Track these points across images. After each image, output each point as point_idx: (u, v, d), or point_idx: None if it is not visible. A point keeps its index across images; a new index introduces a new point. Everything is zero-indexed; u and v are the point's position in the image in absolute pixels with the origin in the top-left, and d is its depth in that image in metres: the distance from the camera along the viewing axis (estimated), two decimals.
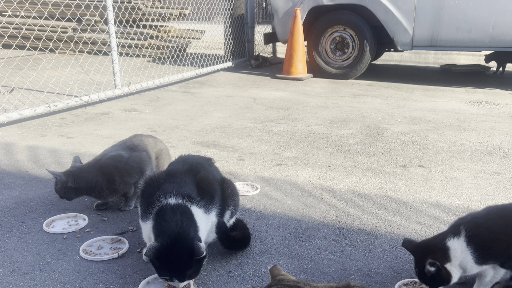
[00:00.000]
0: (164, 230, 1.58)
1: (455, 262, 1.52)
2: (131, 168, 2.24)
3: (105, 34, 7.35)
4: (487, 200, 2.43)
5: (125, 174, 2.22)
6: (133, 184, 2.27)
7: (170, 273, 1.55)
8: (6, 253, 1.90)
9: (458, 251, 1.52)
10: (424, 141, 3.46)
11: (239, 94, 5.10)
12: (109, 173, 2.19)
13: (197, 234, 1.62)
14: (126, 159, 2.25)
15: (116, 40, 4.60)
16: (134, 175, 2.24)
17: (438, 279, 1.52)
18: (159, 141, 2.53)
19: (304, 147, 3.30)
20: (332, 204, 2.39)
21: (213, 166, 2.02)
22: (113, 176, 2.19)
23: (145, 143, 2.41)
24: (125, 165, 2.23)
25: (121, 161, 2.24)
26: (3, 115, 3.61)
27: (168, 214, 1.62)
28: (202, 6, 6.91)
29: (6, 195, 2.45)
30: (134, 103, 4.61)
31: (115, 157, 2.26)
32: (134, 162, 2.26)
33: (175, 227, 1.58)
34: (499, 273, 1.55)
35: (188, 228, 1.60)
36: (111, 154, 2.28)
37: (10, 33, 6.08)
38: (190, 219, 1.63)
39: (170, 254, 1.53)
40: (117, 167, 2.22)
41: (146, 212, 1.69)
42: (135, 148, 2.33)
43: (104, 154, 2.31)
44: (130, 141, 2.39)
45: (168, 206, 1.64)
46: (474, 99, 4.94)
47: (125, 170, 2.22)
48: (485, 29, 5.19)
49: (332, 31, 5.96)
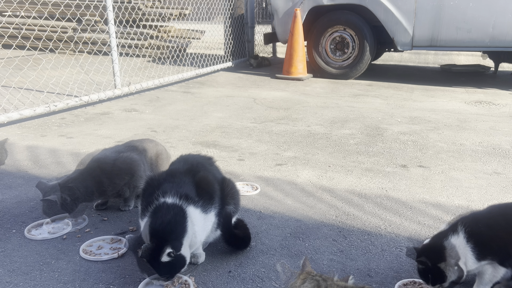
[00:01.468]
0: (151, 229, 1.63)
1: (463, 259, 1.53)
2: (119, 170, 2.20)
3: (105, 34, 7.36)
4: (487, 200, 2.43)
5: (113, 175, 2.18)
6: (125, 185, 2.24)
7: (140, 268, 1.66)
8: (6, 253, 1.90)
9: (462, 248, 1.53)
10: (424, 141, 3.46)
11: (239, 94, 5.10)
12: (96, 176, 2.15)
13: (179, 239, 1.62)
14: (113, 161, 2.21)
15: (116, 40, 4.60)
16: (124, 176, 2.21)
17: (457, 278, 1.51)
18: (158, 144, 2.51)
19: (304, 147, 3.30)
20: (332, 204, 2.39)
21: (214, 165, 2.03)
22: (101, 178, 2.16)
23: (142, 146, 2.38)
24: (113, 166, 2.19)
25: (107, 163, 2.20)
26: (3, 115, 3.61)
27: (160, 213, 1.65)
28: (202, 6, 6.92)
29: (6, 195, 2.45)
30: (134, 103, 4.61)
31: (101, 159, 2.22)
32: (122, 164, 2.22)
33: (156, 227, 1.61)
34: (499, 271, 1.55)
35: (170, 231, 1.61)
36: (97, 157, 2.24)
37: (10, 33, 6.08)
38: (180, 221, 1.64)
39: (144, 253, 1.58)
40: (103, 169, 2.18)
41: (144, 211, 1.72)
42: (126, 151, 2.30)
43: (88, 157, 2.28)
44: (123, 145, 2.38)
45: (164, 205, 1.66)
46: (474, 99, 4.94)
47: (113, 171, 2.18)
48: (485, 29, 5.19)
49: (332, 31, 5.96)
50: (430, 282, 1.55)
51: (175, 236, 1.61)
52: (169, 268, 1.61)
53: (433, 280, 1.54)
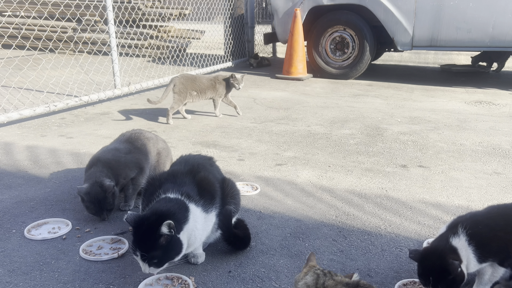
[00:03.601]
0: (152, 207, 1.64)
1: (464, 262, 1.52)
2: (130, 163, 2.29)
3: (105, 34, 7.35)
4: (487, 200, 2.43)
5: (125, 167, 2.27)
6: (131, 181, 2.30)
7: (134, 244, 1.57)
8: (6, 253, 1.90)
9: (463, 251, 1.52)
10: (424, 141, 3.46)
11: (239, 94, 5.10)
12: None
13: (180, 224, 1.60)
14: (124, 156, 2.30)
15: (116, 40, 4.60)
16: (134, 169, 2.29)
17: (457, 282, 1.49)
18: (160, 139, 2.55)
19: (304, 147, 3.30)
20: (332, 204, 2.39)
21: (215, 165, 2.03)
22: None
23: (145, 137, 2.46)
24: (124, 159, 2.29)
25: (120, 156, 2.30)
26: (3, 115, 3.61)
27: (162, 201, 1.66)
28: (202, 6, 6.92)
29: (6, 195, 2.45)
30: (134, 103, 4.61)
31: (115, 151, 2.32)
32: (133, 158, 2.32)
33: (160, 207, 1.62)
34: (498, 271, 1.54)
35: (173, 213, 1.60)
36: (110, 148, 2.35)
37: (10, 33, 6.07)
38: (183, 211, 1.65)
39: (143, 224, 1.56)
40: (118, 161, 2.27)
41: (145, 210, 1.72)
42: (133, 143, 2.39)
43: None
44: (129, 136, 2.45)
45: (166, 198, 1.68)
46: (474, 99, 4.94)
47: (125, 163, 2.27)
48: (485, 29, 5.19)
49: (332, 31, 5.96)
50: (431, 285, 1.52)
51: (177, 218, 1.60)
52: (162, 250, 1.56)
53: (434, 284, 1.52)
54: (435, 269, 1.50)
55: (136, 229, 1.57)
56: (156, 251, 1.55)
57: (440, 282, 1.50)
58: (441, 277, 1.50)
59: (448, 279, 1.48)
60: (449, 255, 1.49)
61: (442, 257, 1.50)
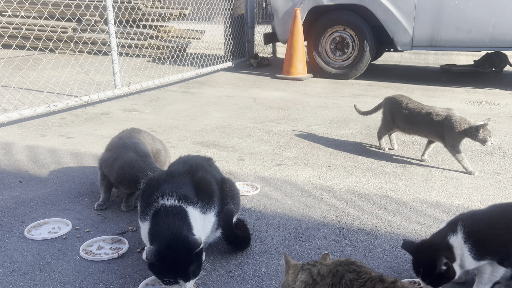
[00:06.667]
0: (159, 233, 1.58)
1: (458, 261, 1.52)
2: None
3: (105, 34, 7.35)
4: (487, 200, 2.43)
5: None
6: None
7: (173, 274, 1.52)
8: (6, 253, 1.90)
9: (458, 249, 1.53)
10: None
11: (239, 94, 5.10)
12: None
13: (190, 231, 1.62)
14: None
15: (116, 40, 4.60)
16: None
17: (445, 278, 1.52)
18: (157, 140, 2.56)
19: (304, 147, 3.30)
20: (332, 204, 2.39)
21: (213, 166, 2.03)
22: None
23: (142, 137, 2.47)
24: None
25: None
26: (3, 115, 3.61)
27: (162, 217, 1.62)
28: (202, 6, 6.91)
29: (6, 195, 2.45)
30: (134, 103, 4.61)
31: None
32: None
33: (168, 229, 1.58)
34: (498, 271, 1.54)
35: (181, 227, 1.60)
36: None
37: (10, 33, 6.08)
38: (183, 219, 1.64)
39: (169, 254, 1.52)
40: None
41: (144, 213, 1.71)
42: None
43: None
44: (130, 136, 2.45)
45: (164, 208, 1.65)
46: (474, 99, 4.93)
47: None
48: (485, 29, 5.19)
49: (332, 31, 5.96)
50: (421, 277, 1.56)
51: (187, 230, 1.62)
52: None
53: (423, 276, 1.55)
54: (426, 263, 1.53)
55: (165, 264, 1.53)
56: (193, 267, 1.57)
57: (429, 276, 1.54)
58: (430, 272, 1.53)
59: (436, 274, 1.51)
60: (441, 252, 1.51)
61: (434, 253, 1.52)
